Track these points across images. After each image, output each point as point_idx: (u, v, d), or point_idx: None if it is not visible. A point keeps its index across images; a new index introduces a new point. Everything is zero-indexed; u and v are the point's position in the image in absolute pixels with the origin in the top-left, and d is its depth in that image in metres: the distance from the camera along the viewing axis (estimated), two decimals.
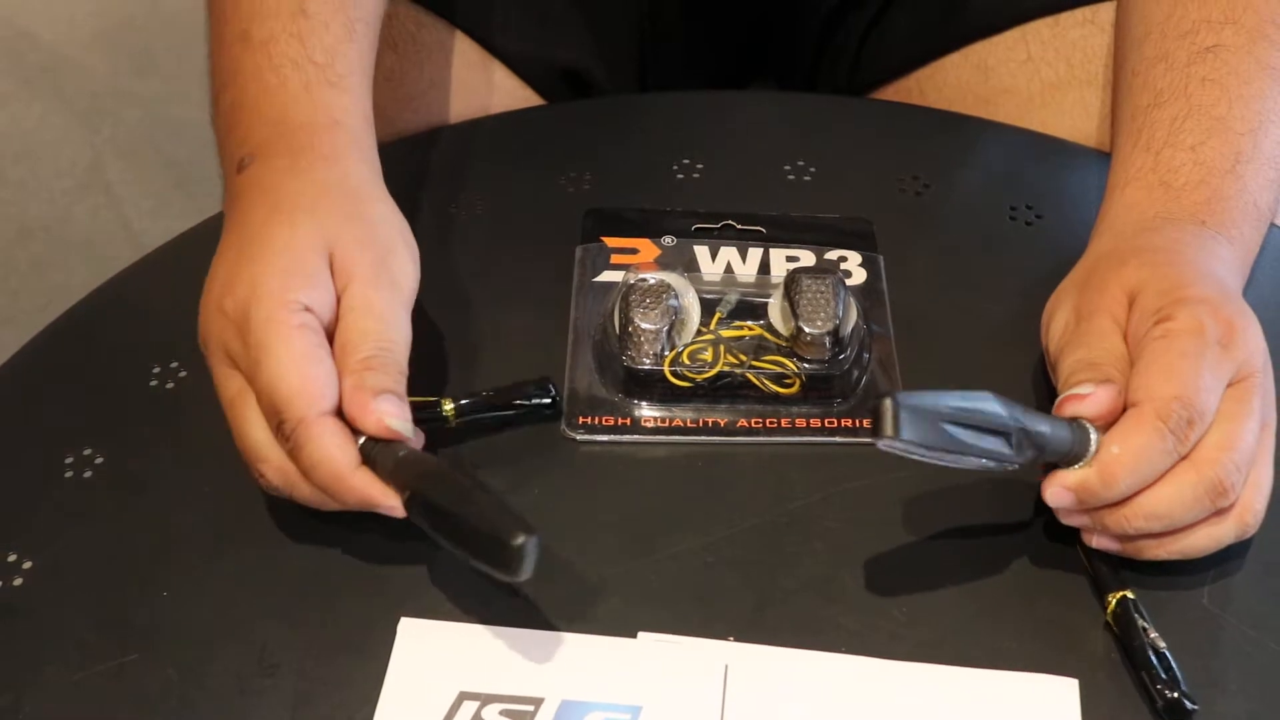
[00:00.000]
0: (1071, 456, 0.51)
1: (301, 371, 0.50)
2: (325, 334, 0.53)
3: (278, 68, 0.59)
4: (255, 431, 0.52)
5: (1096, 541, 0.52)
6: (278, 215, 0.55)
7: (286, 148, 0.57)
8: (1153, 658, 0.50)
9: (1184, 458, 0.50)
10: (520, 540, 0.46)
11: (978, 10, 0.77)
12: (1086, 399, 0.51)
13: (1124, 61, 0.64)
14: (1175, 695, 0.49)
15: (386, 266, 0.55)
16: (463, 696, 0.49)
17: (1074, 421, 0.51)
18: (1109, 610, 0.52)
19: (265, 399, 0.51)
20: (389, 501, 0.50)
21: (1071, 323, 0.55)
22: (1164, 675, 0.49)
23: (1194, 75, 0.60)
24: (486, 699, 0.49)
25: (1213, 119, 0.59)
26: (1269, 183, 0.59)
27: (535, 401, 0.58)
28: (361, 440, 0.51)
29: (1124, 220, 0.59)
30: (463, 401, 0.57)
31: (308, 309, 0.52)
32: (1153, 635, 0.51)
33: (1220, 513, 0.51)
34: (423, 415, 0.54)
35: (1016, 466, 0.50)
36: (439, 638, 0.51)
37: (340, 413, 0.51)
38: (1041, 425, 0.50)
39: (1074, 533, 0.53)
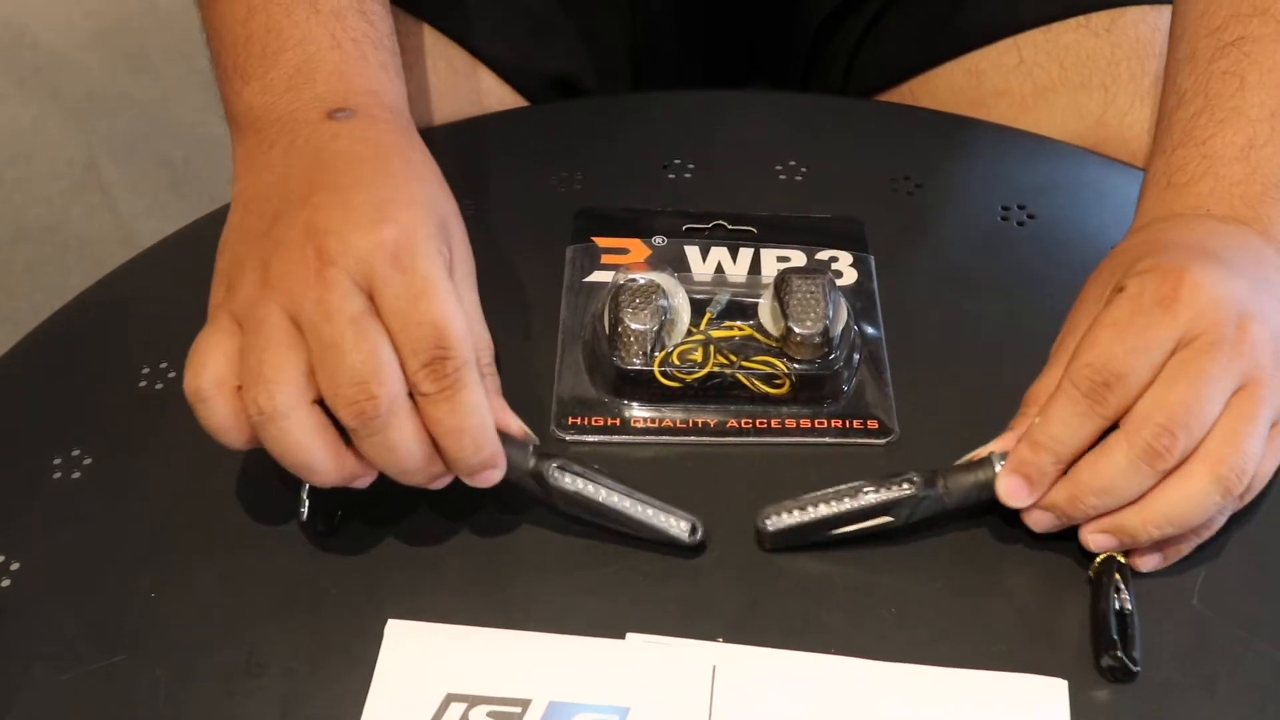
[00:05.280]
0: (986, 490, 0.53)
1: (462, 317, 0.50)
2: None
3: (356, 41, 0.58)
4: (384, 352, 0.49)
5: (1095, 543, 0.52)
6: (415, 177, 0.55)
7: (389, 117, 0.57)
8: (1112, 620, 0.50)
9: (1122, 427, 0.50)
10: (694, 540, 0.53)
11: (971, 21, 0.77)
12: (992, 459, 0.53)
13: (1165, 68, 0.64)
14: (1110, 657, 0.50)
15: (472, 260, 0.56)
16: (450, 698, 0.49)
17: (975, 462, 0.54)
18: (1092, 567, 0.52)
19: (425, 331, 0.49)
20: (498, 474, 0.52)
21: (1059, 339, 0.57)
22: (1111, 636, 0.50)
23: (1215, 70, 0.59)
24: (474, 700, 0.49)
25: (1227, 110, 0.58)
26: None
27: None
28: None
29: (1132, 228, 0.59)
30: None
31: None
32: (1124, 597, 0.51)
33: (1181, 472, 0.50)
34: None
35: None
36: (426, 639, 0.51)
37: None
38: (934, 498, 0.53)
39: (1066, 532, 0.53)
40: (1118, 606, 0.51)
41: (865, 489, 0.53)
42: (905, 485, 0.53)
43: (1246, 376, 0.51)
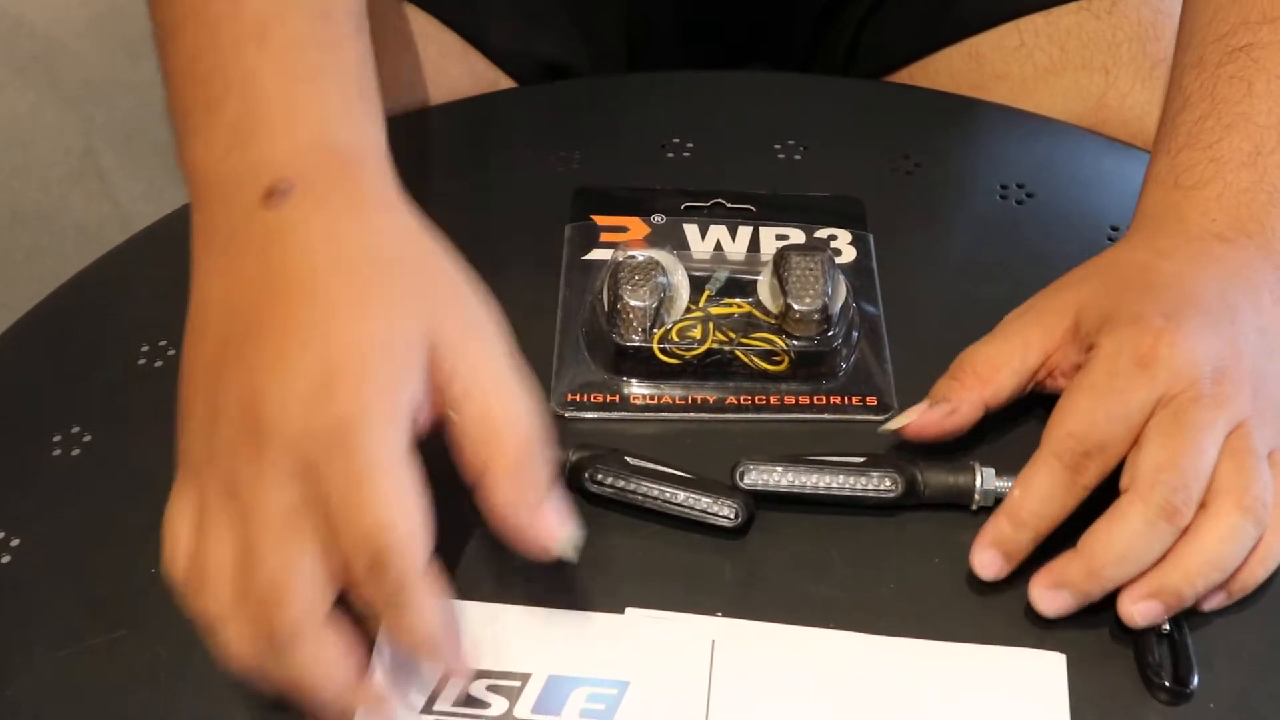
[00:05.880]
0: (962, 496, 0.54)
1: (415, 515, 0.43)
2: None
3: (311, 76, 0.50)
4: (308, 559, 0.43)
5: (1141, 614, 0.50)
6: (370, 297, 0.45)
7: (337, 183, 0.48)
8: (1153, 645, 0.50)
9: (1130, 489, 0.50)
10: (738, 523, 0.53)
11: (971, 8, 0.77)
12: (901, 428, 0.54)
13: (1170, 72, 0.64)
14: (1159, 688, 0.49)
15: (492, 329, 0.47)
16: (450, 671, 0.49)
17: (958, 464, 0.54)
18: None
19: (359, 534, 0.43)
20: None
21: (1016, 313, 0.56)
22: (1156, 665, 0.49)
23: (1222, 75, 0.59)
24: (473, 674, 0.49)
25: (1235, 115, 0.58)
26: None
27: None
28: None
29: (1135, 226, 0.59)
30: None
31: (412, 428, 0.45)
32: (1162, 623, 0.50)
33: (1206, 514, 0.49)
34: None
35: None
36: None
37: None
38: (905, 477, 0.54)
39: None
40: (1155, 629, 0.50)
41: (845, 476, 0.53)
42: (886, 482, 0.53)
43: (1232, 421, 0.51)
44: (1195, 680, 0.49)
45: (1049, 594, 0.50)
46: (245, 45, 0.50)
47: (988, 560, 0.51)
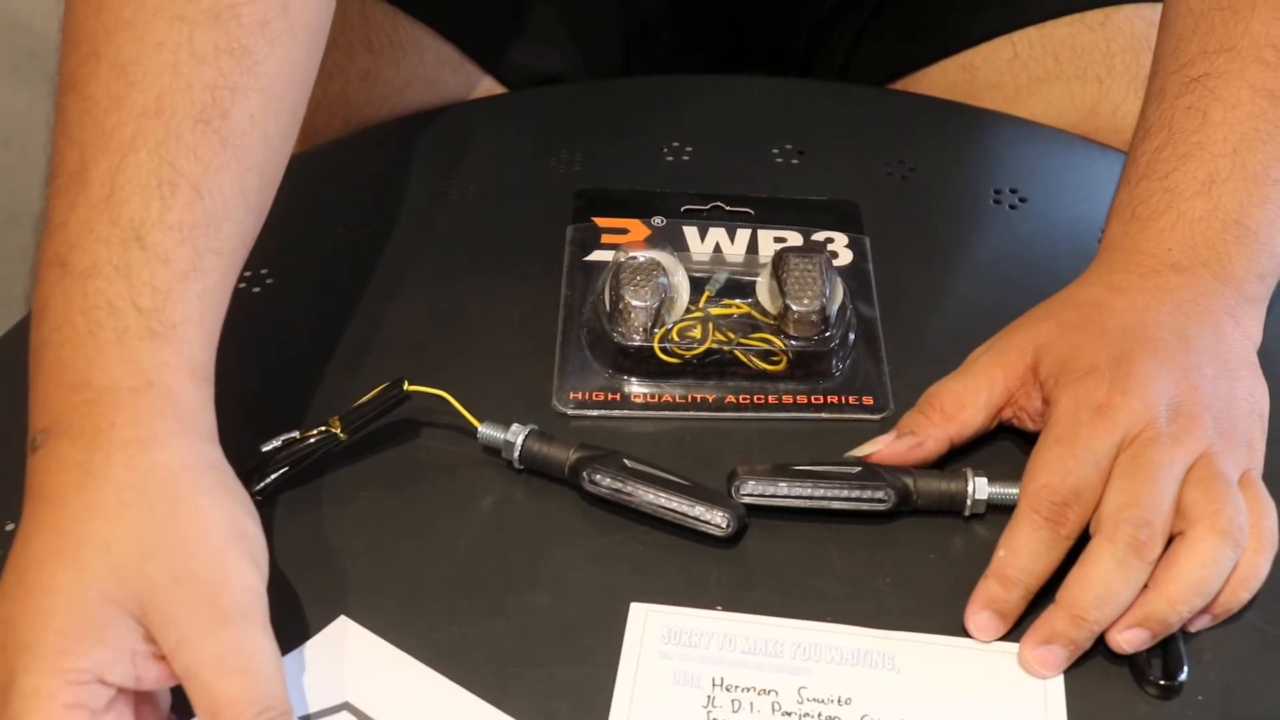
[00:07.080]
0: (955, 504, 0.55)
1: None
2: (132, 702, 0.45)
3: (90, 310, 0.48)
4: None
5: (1128, 641, 0.50)
6: (64, 549, 0.44)
7: (80, 428, 0.46)
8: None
9: (1098, 533, 0.51)
10: (730, 533, 0.53)
11: (965, 23, 0.78)
12: (866, 456, 0.56)
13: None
14: (1149, 683, 0.50)
15: (226, 593, 0.45)
16: (346, 706, 0.48)
17: (950, 471, 0.55)
18: None
19: None
20: None
21: (980, 351, 0.58)
22: (1146, 661, 0.50)
23: (1180, 106, 0.60)
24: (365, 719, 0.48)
25: (1190, 144, 0.59)
26: (1261, 199, 0.58)
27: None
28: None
29: (1097, 258, 0.60)
30: (348, 413, 0.56)
31: (96, 680, 0.43)
32: None
33: (1185, 541, 0.50)
34: (319, 443, 0.55)
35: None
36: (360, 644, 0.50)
37: None
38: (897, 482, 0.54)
39: None
40: None
41: (839, 488, 0.54)
42: (880, 494, 0.54)
43: (1194, 454, 0.52)
44: (1184, 675, 0.50)
45: (1039, 651, 0.51)
46: (51, 270, 0.49)
47: (983, 621, 0.52)
